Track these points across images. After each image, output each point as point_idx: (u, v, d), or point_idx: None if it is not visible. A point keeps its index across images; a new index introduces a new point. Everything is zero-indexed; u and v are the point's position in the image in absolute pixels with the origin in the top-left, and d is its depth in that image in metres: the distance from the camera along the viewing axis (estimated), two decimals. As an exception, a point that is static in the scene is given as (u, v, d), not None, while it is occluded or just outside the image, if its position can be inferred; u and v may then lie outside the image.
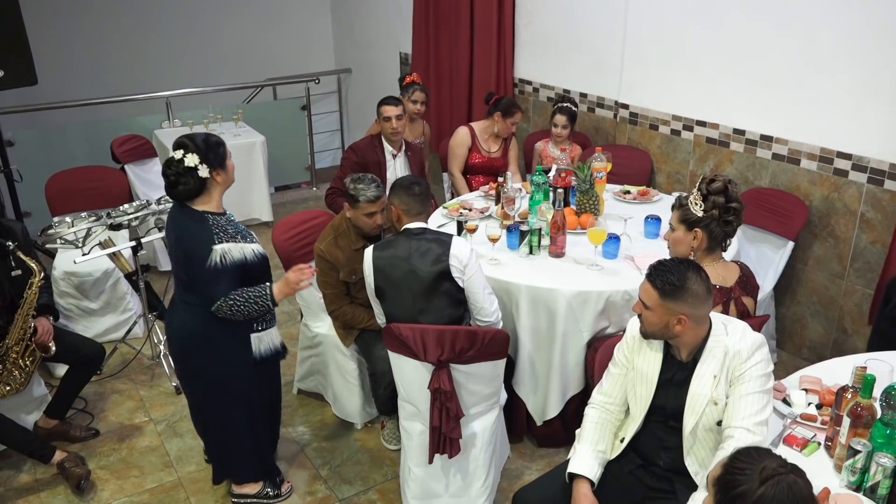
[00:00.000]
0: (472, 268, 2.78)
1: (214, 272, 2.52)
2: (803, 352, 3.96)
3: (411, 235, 2.81)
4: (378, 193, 3.04)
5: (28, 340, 3.13)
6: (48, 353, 3.20)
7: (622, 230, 3.38)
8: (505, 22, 5.25)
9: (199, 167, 2.54)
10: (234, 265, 2.55)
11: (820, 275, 3.80)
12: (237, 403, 2.80)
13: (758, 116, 3.88)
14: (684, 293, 2.05)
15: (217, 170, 2.59)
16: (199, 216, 2.58)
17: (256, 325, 2.72)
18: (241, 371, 2.74)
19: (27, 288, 3.06)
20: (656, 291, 2.08)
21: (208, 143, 2.59)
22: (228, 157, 2.65)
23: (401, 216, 2.86)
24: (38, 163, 5.38)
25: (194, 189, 2.57)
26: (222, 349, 2.69)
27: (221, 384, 2.75)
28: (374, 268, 2.80)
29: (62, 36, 6.66)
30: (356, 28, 7.45)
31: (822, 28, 3.49)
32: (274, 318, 2.82)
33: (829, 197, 3.66)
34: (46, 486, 3.15)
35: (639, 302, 2.16)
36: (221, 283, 2.54)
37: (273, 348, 2.80)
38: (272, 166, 6.07)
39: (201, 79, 6.88)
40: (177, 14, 7.19)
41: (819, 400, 2.33)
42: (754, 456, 1.49)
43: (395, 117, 4.08)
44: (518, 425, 3.34)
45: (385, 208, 3.04)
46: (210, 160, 2.56)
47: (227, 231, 2.57)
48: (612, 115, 4.74)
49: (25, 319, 3.09)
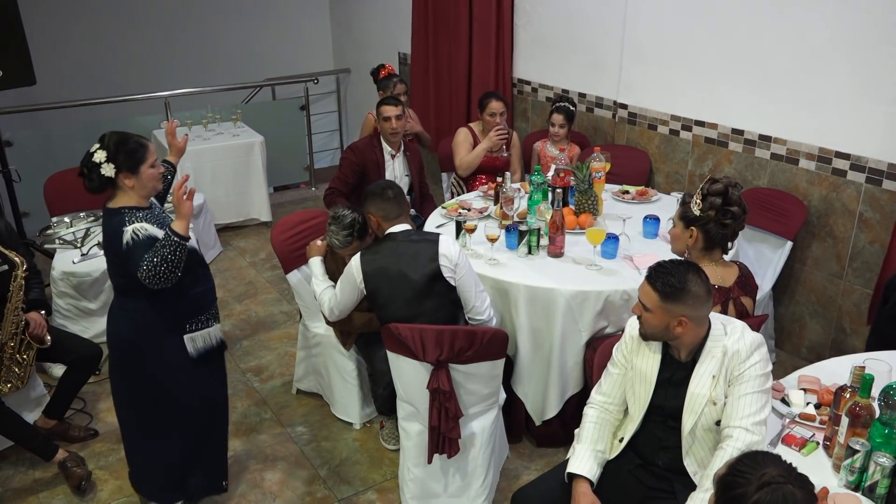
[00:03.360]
0: (463, 266, 2.78)
1: (129, 250, 2.48)
2: (802, 351, 3.97)
3: (397, 239, 2.80)
4: (345, 242, 3.04)
5: (22, 335, 3.13)
6: (44, 344, 3.19)
7: (621, 230, 3.38)
8: (504, 22, 5.25)
9: (103, 165, 2.49)
10: (149, 237, 2.50)
11: (818, 274, 3.80)
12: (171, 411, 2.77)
13: (756, 116, 3.88)
14: (685, 295, 2.05)
15: (125, 173, 2.52)
16: (114, 212, 2.55)
17: (189, 325, 2.70)
18: (179, 375, 2.72)
19: (11, 281, 3.06)
20: (657, 293, 2.08)
21: (124, 144, 2.53)
22: (145, 164, 2.54)
23: (380, 223, 2.85)
24: (37, 163, 5.38)
25: (98, 185, 2.53)
26: (157, 353, 2.67)
27: (157, 390, 2.73)
28: (364, 274, 2.79)
29: (61, 36, 6.66)
30: (355, 28, 7.45)
31: (821, 28, 3.50)
32: (212, 318, 2.80)
33: (827, 197, 3.66)
34: (45, 487, 3.15)
35: (638, 304, 2.16)
36: (137, 253, 2.48)
37: (209, 346, 2.76)
38: (271, 166, 6.06)
39: (200, 79, 6.89)
40: (176, 14, 7.19)
41: (818, 399, 2.33)
42: (759, 461, 1.49)
43: (394, 117, 4.08)
44: (517, 425, 3.34)
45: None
46: (119, 162, 2.50)
47: (141, 218, 2.53)
48: (610, 115, 4.74)
49: (15, 313, 3.08)
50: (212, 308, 2.80)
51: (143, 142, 2.59)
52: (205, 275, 2.78)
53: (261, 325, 4.42)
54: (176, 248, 2.48)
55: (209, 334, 2.77)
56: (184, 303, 2.68)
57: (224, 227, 5.78)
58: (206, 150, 5.57)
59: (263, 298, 4.76)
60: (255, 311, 4.59)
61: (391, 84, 4.84)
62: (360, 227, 3.05)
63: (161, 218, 2.64)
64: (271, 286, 4.89)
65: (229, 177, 5.68)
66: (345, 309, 2.96)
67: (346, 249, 3.06)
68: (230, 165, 5.67)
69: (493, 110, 4.35)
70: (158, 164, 2.63)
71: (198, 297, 2.73)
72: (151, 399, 2.75)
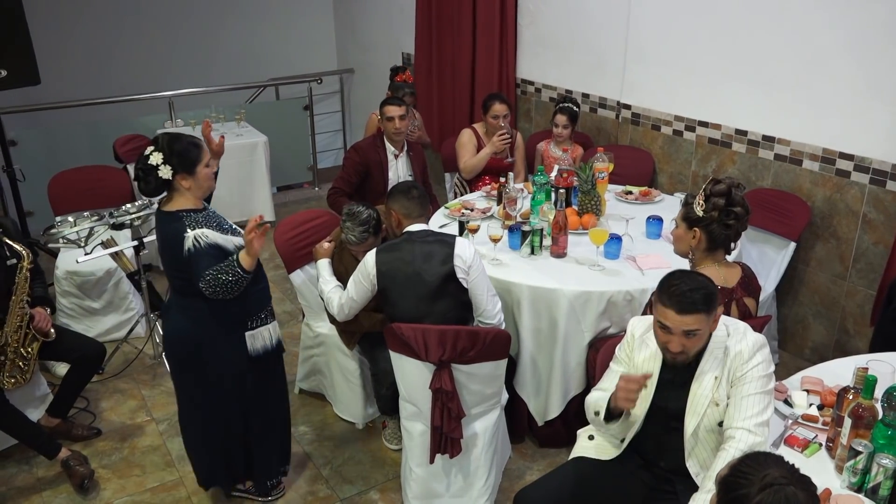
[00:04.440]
0: (476, 269, 2.78)
1: (191, 257, 2.49)
2: (805, 352, 3.96)
3: (414, 238, 2.80)
4: (361, 238, 3.05)
5: (26, 328, 3.14)
6: (48, 338, 3.21)
7: (624, 230, 3.38)
8: (507, 22, 5.25)
9: (160, 167, 2.50)
10: (210, 246, 2.51)
11: (822, 275, 3.80)
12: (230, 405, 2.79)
13: (760, 117, 3.88)
14: (715, 293, 2.06)
15: (182, 174, 2.53)
16: (172, 216, 2.55)
17: (250, 323, 2.71)
18: (236, 371, 2.73)
19: (17, 272, 3.07)
20: (702, 313, 2.02)
21: (179, 145, 2.52)
22: (201, 164, 2.56)
23: (401, 220, 2.87)
24: (42, 162, 5.41)
25: (155, 188, 2.55)
26: (217, 350, 2.68)
27: (216, 384, 2.74)
28: (378, 272, 2.79)
29: (66, 36, 6.68)
30: (358, 28, 7.46)
31: (825, 28, 3.49)
32: (269, 315, 2.80)
33: (831, 198, 3.66)
34: (48, 486, 3.16)
35: (678, 338, 2.05)
36: (201, 262, 2.50)
37: (267, 345, 2.77)
38: (275, 166, 6.08)
39: (204, 79, 6.90)
40: (180, 14, 7.20)
41: (820, 401, 2.33)
42: (761, 462, 1.49)
43: (398, 118, 4.09)
44: (520, 425, 3.34)
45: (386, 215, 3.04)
46: (175, 163, 2.51)
47: (202, 223, 2.55)
48: (614, 116, 4.74)
49: (21, 306, 3.09)
50: (269, 305, 2.81)
51: (196, 141, 2.59)
52: (262, 273, 2.79)
53: (264, 325, 4.42)
54: (239, 278, 2.52)
55: (269, 331, 2.79)
56: (245, 301, 2.67)
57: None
58: (209, 150, 5.57)
59: (266, 298, 4.76)
60: (258, 311, 4.59)
61: (401, 91, 4.84)
62: (376, 223, 3.08)
63: (216, 219, 2.64)
64: (274, 286, 4.87)
65: (233, 176, 5.67)
66: (355, 307, 2.94)
67: (361, 246, 3.06)
68: (233, 165, 5.66)
69: (496, 112, 4.34)
70: (213, 162, 2.65)
71: (258, 294, 2.73)
72: (211, 394, 2.76)
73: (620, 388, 2.09)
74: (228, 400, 2.78)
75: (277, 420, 2.99)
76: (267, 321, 2.79)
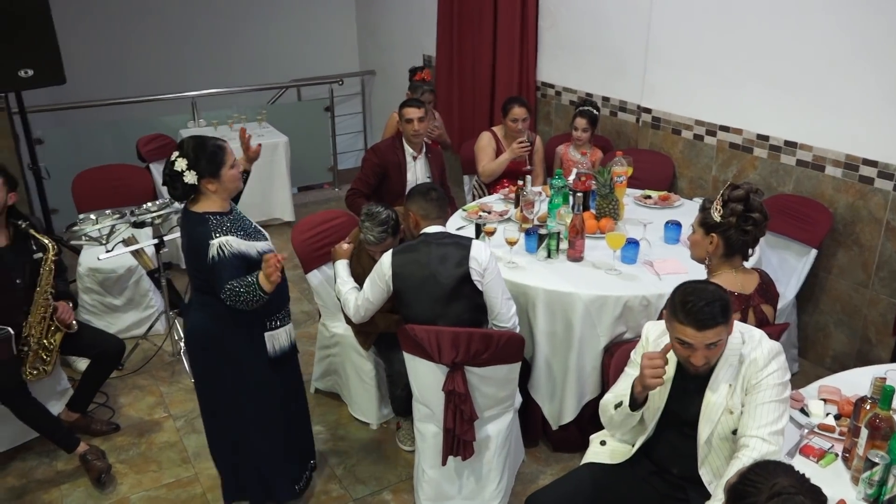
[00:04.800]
0: (492, 272, 2.78)
1: (215, 265, 2.49)
2: (826, 361, 3.91)
3: (431, 240, 2.81)
4: (380, 238, 3.05)
5: (49, 320, 3.19)
6: (71, 329, 3.26)
7: (641, 235, 3.36)
8: (528, 24, 5.24)
9: (185, 173, 2.50)
10: (234, 255, 2.51)
11: (844, 283, 3.74)
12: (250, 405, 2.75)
13: (782, 122, 3.83)
14: (730, 305, 2.04)
15: (208, 178, 2.53)
16: (199, 218, 2.55)
17: (269, 323, 2.70)
18: (256, 371, 2.71)
19: (42, 264, 3.13)
20: (721, 325, 2.00)
21: (203, 149, 2.53)
22: (226, 166, 2.56)
23: (419, 221, 2.88)
24: (68, 161, 5.48)
25: (182, 193, 2.56)
26: (236, 349, 2.67)
27: (236, 384, 2.71)
28: (393, 273, 2.80)
29: (92, 36, 6.77)
30: (380, 30, 7.49)
31: (849, 31, 3.44)
32: (287, 316, 2.79)
33: (854, 204, 3.61)
34: (67, 479, 3.21)
35: (700, 352, 2.02)
36: (223, 273, 2.49)
37: (284, 346, 2.76)
38: (296, 167, 6.11)
39: (227, 79, 6.96)
40: (204, 15, 7.27)
41: (838, 410, 2.30)
42: (770, 470, 1.47)
43: (416, 119, 4.09)
44: (534, 429, 3.33)
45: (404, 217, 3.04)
46: (200, 168, 2.51)
47: (227, 228, 2.54)
48: (634, 120, 4.71)
49: (45, 297, 3.15)
50: (286, 306, 2.80)
51: (220, 144, 2.58)
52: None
53: (281, 324, 4.45)
54: (258, 298, 2.51)
55: (286, 332, 2.78)
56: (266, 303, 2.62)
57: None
58: (231, 150, 5.62)
59: (285, 298, 4.79)
60: (276, 310, 4.63)
61: (419, 90, 4.86)
62: (394, 224, 3.10)
63: (241, 222, 2.63)
64: (292, 285, 4.84)
65: (253, 177, 5.54)
66: (371, 308, 2.94)
67: (379, 246, 3.07)
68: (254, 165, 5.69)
69: (515, 116, 4.33)
70: (237, 163, 2.65)
71: (278, 294, 2.67)
72: (232, 392, 2.72)
73: (646, 366, 2.05)
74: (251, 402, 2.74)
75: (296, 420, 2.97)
76: (285, 322, 2.78)
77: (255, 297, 2.50)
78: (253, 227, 2.69)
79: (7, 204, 3.09)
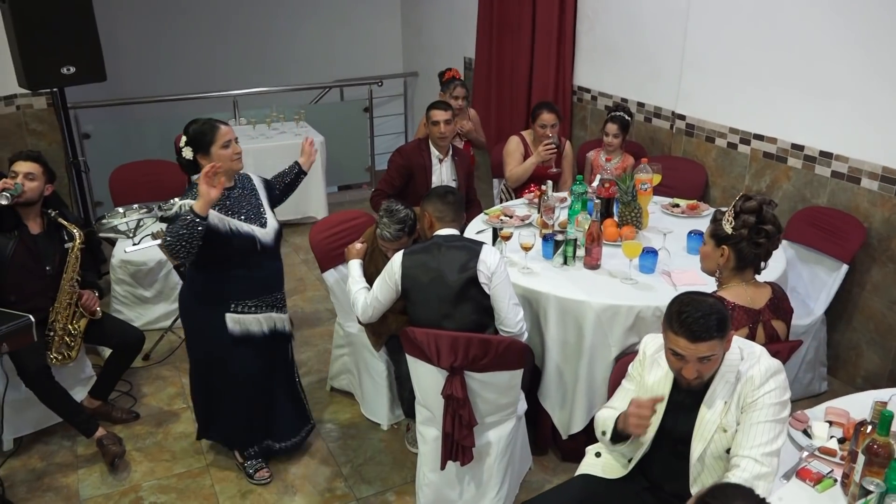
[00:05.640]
0: (500, 276, 2.75)
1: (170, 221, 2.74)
2: (857, 381, 3.75)
3: (442, 242, 2.80)
4: (396, 236, 3.07)
5: (75, 306, 3.31)
6: (95, 316, 3.38)
7: (661, 244, 3.28)
8: (566, 28, 5.18)
9: (183, 149, 2.82)
10: None
11: (878, 301, 3.58)
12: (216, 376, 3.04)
13: (818, 131, 3.70)
14: (728, 318, 1.99)
15: (201, 154, 2.80)
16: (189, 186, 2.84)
17: (234, 305, 2.91)
18: (219, 347, 2.95)
19: (69, 252, 3.26)
20: (716, 339, 1.95)
21: (196, 129, 2.81)
22: (215, 145, 2.78)
23: (433, 223, 2.88)
24: (113, 155, 5.64)
25: (187, 167, 2.87)
26: (205, 321, 2.94)
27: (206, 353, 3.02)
28: (403, 272, 2.80)
29: (144, 35, 7.01)
30: (424, 32, 7.51)
31: (888, 41, 3.29)
32: (265, 307, 2.99)
33: (890, 219, 3.45)
34: (85, 463, 3.31)
35: (692, 364, 1.97)
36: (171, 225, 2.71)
37: (254, 331, 2.97)
38: (334, 166, 6.17)
39: (271, 78, 7.08)
40: (251, 16, 7.43)
41: (843, 433, 2.20)
42: (728, 494, 1.42)
43: (443, 122, 4.08)
44: (543, 438, 3.29)
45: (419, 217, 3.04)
46: (195, 145, 2.80)
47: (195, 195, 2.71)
48: (668, 126, 4.61)
49: (71, 283, 3.28)
50: (265, 296, 2.99)
51: (213, 123, 2.83)
52: (265, 265, 2.96)
53: (305, 322, 4.51)
54: (188, 224, 2.64)
55: (259, 321, 2.98)
56: (228, 283, 2.90)
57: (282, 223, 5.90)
58: (268, 149, 5.72)
59: (311, 296, 4.85)
60: (301, 308, 4.68)
61: (451, 87, 4.86)
62: (412, 223, 3.11)
63: (240, 203, 2.89)
64: (320, 283, 4.97)
65: None
66: (379, 308, 2.94)
67: (393, 243, 3.07)
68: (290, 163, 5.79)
69: (544, 122, 4.29)
70: (234, 145, 2.84)
71: (246, 281, 2.92)
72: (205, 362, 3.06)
73: (632, 413, 2.02)
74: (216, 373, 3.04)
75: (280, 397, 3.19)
76: (257, 311, 2.96)
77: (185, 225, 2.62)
78: (254, 212, 2.89)
79: (45, 195, 3.24)
